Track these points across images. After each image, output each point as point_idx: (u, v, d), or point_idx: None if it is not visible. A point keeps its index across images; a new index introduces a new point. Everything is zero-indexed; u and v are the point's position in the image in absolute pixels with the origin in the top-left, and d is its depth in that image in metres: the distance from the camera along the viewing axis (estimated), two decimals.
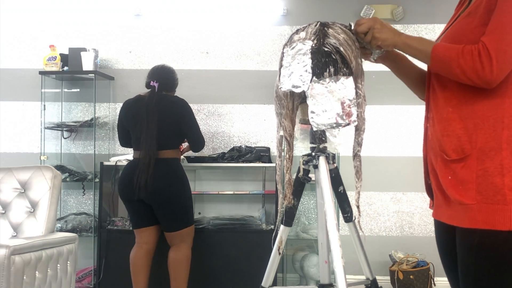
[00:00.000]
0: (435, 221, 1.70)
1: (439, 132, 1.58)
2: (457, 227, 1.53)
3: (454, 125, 1.54)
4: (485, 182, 1.47)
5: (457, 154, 1.52)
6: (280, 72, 1.80)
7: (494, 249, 1.46)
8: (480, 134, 1.49)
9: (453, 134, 1.54)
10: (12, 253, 2.35)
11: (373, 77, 4.03)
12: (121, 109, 3.57)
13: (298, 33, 1.79)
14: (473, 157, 1.49)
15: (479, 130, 1.50)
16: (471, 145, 1.50)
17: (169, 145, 3.43)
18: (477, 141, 1.49)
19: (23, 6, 4.58)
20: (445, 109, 1.57)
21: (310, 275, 4.04)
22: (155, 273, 3.60)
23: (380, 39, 1.66)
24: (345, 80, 1.74)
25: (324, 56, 1.73)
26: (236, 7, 4.49)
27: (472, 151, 1.50)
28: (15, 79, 4.55)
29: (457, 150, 1.52)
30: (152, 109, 3.38)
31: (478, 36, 1.49)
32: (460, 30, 1.57)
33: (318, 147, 1.92)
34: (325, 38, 1.74)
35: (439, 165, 1.57)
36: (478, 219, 1.46)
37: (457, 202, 1.51)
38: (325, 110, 1.73)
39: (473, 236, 1.48)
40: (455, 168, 1.52)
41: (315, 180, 1.93)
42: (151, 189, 3.31)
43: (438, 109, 1.60)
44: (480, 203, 1.47)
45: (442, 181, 1.56)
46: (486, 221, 1.45)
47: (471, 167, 1.49)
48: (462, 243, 1.53)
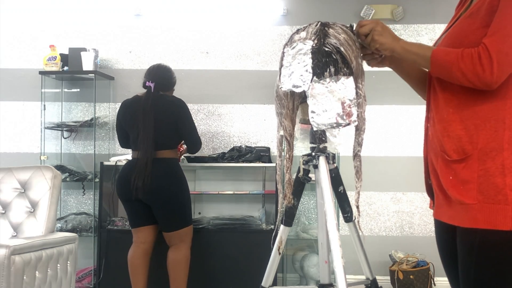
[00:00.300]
0: (436, 221, 1.70)
1: (439, 133, 1.58)
2: (458, 227, 1.53)
3: (454, 125, 1.54)
4: (486, 182, 1.47)
5: (458, 155, 1.52)
6: (280, 72, 1.80)
7: (495, 248, 1.46)
8: (481, 134, 1.50)
9: (454, 135, 1.54)
10: (12, 253, 2.35)
11: (373, 77, 4.04)
12: (119, 109, 3.57)
13: (298, 33, 1.79)
14: (474, 158, 1.49)
15: (480, 131, 1.50)
16: (472, 145, 1.50)
17: (167, 145, 3.43)
18: (478, 141, 1.50)
19: (23, 6, 4.58)
20: (446, 110, 1.57)
21: (310, 275, 4.04)
22: (155, 274, 3.60)
23: (378, 42, 1.66)
24: (346, 80, 1.74)
25: (324, 56, 1.73)
26: (236, 7, 4.48)
27: (473, 151, 1.50)
28: (15, 79, 4.55)
29: (458, 150, 1.52)
30: (148, 109, 3.38)
31: (479, 38, 1.49)
32: (461, 31, 1.57)
33: (318, 147, 1.92)
34: (325, 38, 1.74)
35: (440, 165, 1.57)
36: (479, 219, 1.47)
37: (458, 202, 1.51)
38: (325, 110, 1.73)
39: (474, 236, 1.48)
40: (456, 168, 1.52)
41: (315, 180, 1.93)
42: (149, 189, 3.32)
43: (438, 109, 1.60)
44: (481, 203, 1.47)
45: (443, 181, 1.56)
46: (487, 221, 1.45)
47: (472, 167, 1.49)
48: (462, 242, 1.54)
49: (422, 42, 4.34)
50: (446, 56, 1.53)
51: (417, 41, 4.36)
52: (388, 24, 4.94)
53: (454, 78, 1.52)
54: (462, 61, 1.49)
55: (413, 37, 4.37)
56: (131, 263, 3.45)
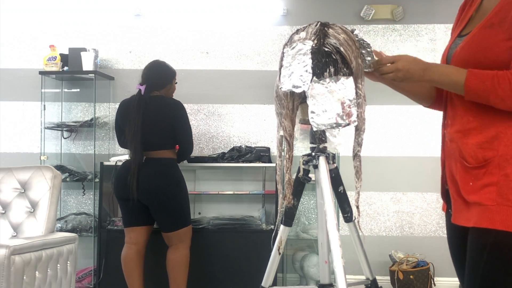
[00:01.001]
0: (451, 225, 1.69)
1: (459, 140, 1.59)
2: (472, 228, 1.54)
3: (475, 133, 1.55)
4: (506, 186, 1.49)
5: (478, 161, 1.53)
6: (280, 72, 1.80)
7: (508, 250, 1.47)
8: (502, 141, 1.51)
9: (474, 142, 1.55)
10: (12, 253, 2.35)
11: None
12: (117, 109, 3.60)
13: (298, 33, 1.79)
14: (495, 164, 1.51)
15: (501, 138, 1.51)
16: (493, 152, 1.51)
17: (163, 145, 3.43)
18: (498, 148, 1.51)
19: (23, 6, 4.58)
20: (466, 118, 1.58)
21: (310, 275, 4.04)
22: (154, 274, 3.60)
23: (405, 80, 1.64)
24: (345, 80, 1.74)
25: (324, 56, 1.73)
26: (236, 7, 4.48)
27: (493, 158, 1.51)
28: (15, 79, 4.55)
29: (478, 157, 1.53)
30: (137, 112, 3.38)
31: (504, 50, 1.50)
32: (483, 42, 1.55)
33: (318, 147, 1.92)
34: (325, 38, 1.74)
35: (459, 172, 1.58)
36: (496, 220, 1.48)
37: (477, 204, 1.52)
38: (325, 110, 1.73)
39: (489, 235, 1.49)
40: (477, 175, 1.53)
41: (315, 180, 1.93)
42: (146, 189, 3.32)
43: (457, 117, 1.61)
44: (500, 205, 1.48)
45: (462, 187, 1.57)
46: (503, 222, 1.47)
47: (492, 173, 1.51)
48: (475, 241, 1.54)
49: (422, 42, 4.35)
50: (481, 83, 1.51)
51: (417, 41, 4.36)
52: (388, 24, 4.91)
53: (491, 103, 1.52)
54: (499, 87, 1.48)
55: (413, 37, 4.37)
56: (125, 265, 3.45)
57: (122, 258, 3.46)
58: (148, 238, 3.52)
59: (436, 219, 4.36)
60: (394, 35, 4.37)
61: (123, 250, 3.48)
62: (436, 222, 4.35)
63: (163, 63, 3.62)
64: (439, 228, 4.35)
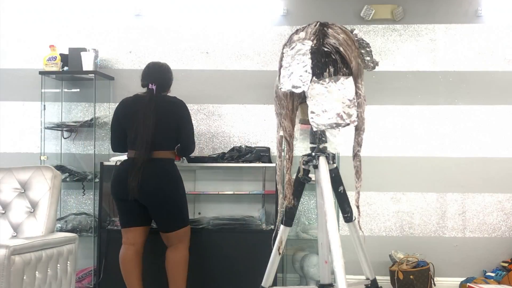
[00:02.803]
0: None
1: None
2: None
3: None
4: None
5: None
6: (280, 72, 1.80)
7: None
8: None
9: None
10: (12, 253, 2.35)
11: (373, 77, 4.04)
12: (118, 107, 3.55)
13: (297, 33, 1.80)
14: None
15: None
16: None
17: (165, 145, 3.43)
18: None
19: (23, 6, 4.58)
20: None
21: (310, 275, 4.04)
22: (153, 275, 3.60)
23: None
24: (345, 80, 1.74)
25: (323, 56, 1.73)
26: (236, 7, 4.49)
27: None
28: (15, 79, 4.55)
29: None
30: (150, 111, 3.37)
31: None
32: None
33: (318, 147, 1.93)
34: (324, 38, 1.74)
35: None
36: None
37: None
38: (325, 110, 1.73)
39: None
40: None
41: (315, 180, 1.93)
42: (145, 189, 3.31)
43: None
44: None
45: None
46: None
47: None
48: None
49: (422, 43, 4.35)
50: None
51: (417, 41, 4.36)
52: (388, 24, 4.95)
53: None
54: None
55: (413, 37, 4.37)
56: (124, 266, 3.44)
57: (121, 259, 3.46)
58: (146, 238, 3.51)
59: (436, 219, 4.36)
60: (394, 35, 4.37)
61: (121, 250, 3.48)
62: (436, 222, 4.36)
63: (167, 65, 3.64)
64: (439, 228, 4.35)
